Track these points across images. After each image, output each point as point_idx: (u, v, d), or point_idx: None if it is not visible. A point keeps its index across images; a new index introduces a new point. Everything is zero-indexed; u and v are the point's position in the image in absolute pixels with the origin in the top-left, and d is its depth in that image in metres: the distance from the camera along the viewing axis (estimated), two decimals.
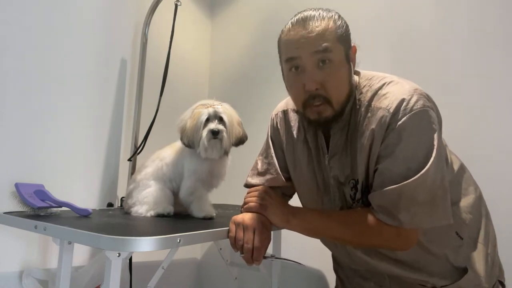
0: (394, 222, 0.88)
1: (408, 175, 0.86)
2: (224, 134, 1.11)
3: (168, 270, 1.21)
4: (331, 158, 1.02)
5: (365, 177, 0.96)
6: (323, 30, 0.90)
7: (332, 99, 0.93)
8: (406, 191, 0.86)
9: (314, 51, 0.90)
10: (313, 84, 0.91)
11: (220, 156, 1.15)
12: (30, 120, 1.39)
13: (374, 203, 0.91)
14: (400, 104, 0.89)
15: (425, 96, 0.92)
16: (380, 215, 0.89)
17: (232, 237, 0.96)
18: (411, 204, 0.87)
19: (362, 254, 1.03)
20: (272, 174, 1.15)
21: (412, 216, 0.87)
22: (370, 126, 0.93)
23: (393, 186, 0.87)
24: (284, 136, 1.15)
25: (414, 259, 0.99)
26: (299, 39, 0.91)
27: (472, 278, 0.97)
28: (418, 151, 0.87)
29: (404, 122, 0.88)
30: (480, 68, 1.38)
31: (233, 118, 1.16)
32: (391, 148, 0.89)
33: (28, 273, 1.28)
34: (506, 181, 1.29)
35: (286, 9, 1.90)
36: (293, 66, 0.94)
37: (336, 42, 0.91)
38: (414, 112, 0.88)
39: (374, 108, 0.93)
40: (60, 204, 1.13)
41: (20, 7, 1.37)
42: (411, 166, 0.87)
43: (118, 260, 0.79)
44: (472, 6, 1.42)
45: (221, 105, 1.16)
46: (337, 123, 0.98)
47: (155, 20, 1.78)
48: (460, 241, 0.98)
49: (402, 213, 0.87)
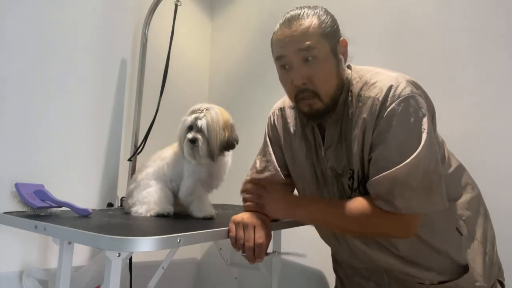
0: (391, 208, 0.90)
1: (400, 161, 0.88)
2: (200, 142, 1.13)
3: (168, 270, 1.21)
4: (326, 149, 1.05)
5: (361, 166, 0.98)
6: (306, 28, 0.95)
7: (320, 92, 0.97)
8: (399, 177, 0.88)
9: (298, 49, 0.95)
10: (300, 79, 0.96)
11: (205, 161, 1.17)
12: (30, 120, 1.39)
13: (371, 191, 0.93)
14: (388, 91, 0.92)
15: (413, 83, 0.95)
16: (378, 202, 0.91)
17: (232, 237, 0.96)
18: (405, 190, 0.88)
19: (362, 245, 1.04)
20: (271, 171, 1.18)
21: (407, 201, 0.88)
22: (362, 116, 0.96)
23: (386, 172, 0.88)
24: (281, 133, 1.18)
25: (413, 253, 0.99)
26: (285, 39, 0.97)
27: (470, 276, 0.97)
28: (408, 136, 0.89)
29: (393, 108, 0.90)
30: (480, 67, 1.38)
31: (216, 123, 1.15)
32: (382, 136, 0.91)
33: (28, 273, 1.28)
34: (506, 181, 1.29)
35: (286, 9, 1.90)
36: (282, 64, 0.99)
37: (320, 38, 0.95)
38: (402, 98, 0.91)
39: (364, 97, 0.97)
40: (60, 204, 1.13)
41: (20, 8, 1.37)
42: (403, 151, 0.89)
43: (118, 260, 0.79)
44: (470, 1, 1.42)
45: (206, 110, 1.16)
46: (330, 116, 1.02)
47: (155, 20, 1.78)
48: (460, 237, 0.99)
49: (398, 199, 0.88)
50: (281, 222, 1.21)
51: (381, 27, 1.63)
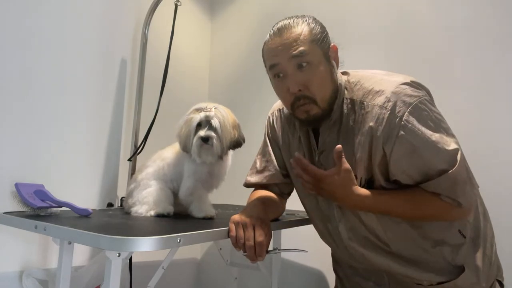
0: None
1: (445, 159, 0.90)
2: (214, 140, 1.12)
3: (168, 270, 1.21)
4: (320, 154, 1.05)
5: (367, 173, 0.97)
6: (297, 35, 0.96)
7: (317, 98, 0.97)
8: (457, 176, 0.90)
9: (291, 56, 0.96)
10: (296, 86, 0.96)
11: (213, 160, 1.16)
12: (30, 120, 1.39)
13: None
14: (396, 100, 0.92)
15: (416, 84, 0.96)
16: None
17: (233, 237, 0.96)
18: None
19: (360, 248, 1.04)
20: (271, 171, 1.19)
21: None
22: (367, 123, 0.95)
23: (446, 174, 0.90)
24: (280, 134, 1.18)
25: (410, 254, 1.00)
26: (277, 47, 0.97)
27: (469, 276, 0.97)
28: (439, 136, 0.91)
29: (407, 117, 0.91)
30: (480, 67, 1.38)
31: (227, 121, 1.14)
32: (409, 145, 0.91)
33: (28, 273, 1.28)
34: (506, 181, 1.29)
35: (286, 9, 1.90)
36: (276, 73, 1.00)
37: (311, 44, 0.96)
38: (414, 105, 0.91)
39: (368, 105, 0.97)
40: (60, 204, 1.13)
41: (20, 8, 1.37)
42: (443, 149, 0.90)
43: (118, 260, 0.79)
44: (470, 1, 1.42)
45: (215, 108, 1.15)
46: (325, 121, 1.02)
47: (155, 20, 1.78)
48: (463, 239, 0.99)
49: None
50: (281, 222, 1.21)
51: (381, 27, 1.63)
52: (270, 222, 1.03)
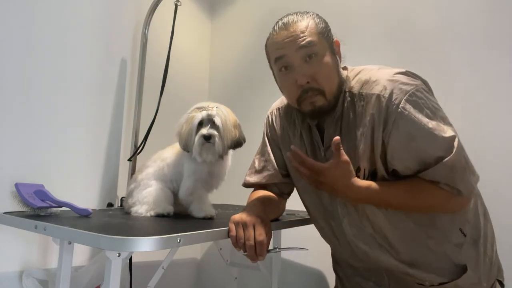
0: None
1: (446, 148, 0.89)
2: (217, 138, 1.11)
3: (168, 270, 1.21)
4: (326, 150, 1.05)
5: (369, 164, 0.97)
6: (304, 27, 0.97)
7: (325, 89, 0.98)
8: (455, 163, 0.89)
9: (298, 47, 0.95)
10: (304, 78, 0.96)
11: (215, 159, 1.16)
12: (30, 120, 1.39)
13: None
14: (393, 87, 0.93)
15: (412, 74, 0.97)
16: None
17: (233, 237, 0.96)
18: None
19: (363, 245, 1.04)
20: (270, 171, 1.19)
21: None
22: (368, 112, 0.96)
23: (443, 161, 0.89)
24: (280, 133, 1.18)
25: (414, 253, 0.99)
26: (283, 39, 0.97)
27: (470, 276, 0.97)
28: (435, 124, 0.91)
29: (404, 105, 0.91)
30: (480, 67, 1.38)
31: (228, 121, 1.14)
32: (407, 134, 0.91)
33: (28, 273, 1.28)
34: (506, 181, 1.29)
35: (286, 9, 1.90)
36: (282, 65, 0.99)
37: (318, 36, 0.97)
38: (410, 92, 0.92)
39: (366, 95, 0.97)
40: (60, 204, 1.13)
41: (20, 8, 1.37)
42: (439, 136, 0.90)
43: (118, 260, 0.79)
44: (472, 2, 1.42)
45: (217, 107, 1.15)
46: (330, 115, 1.02)
47: (155, 20, 1.78)
48: (463, 238, 0.99)
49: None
50: (281, 222, 1.21)
51: (381, 28, 1.63)
52: (270, 221, 1.03)
